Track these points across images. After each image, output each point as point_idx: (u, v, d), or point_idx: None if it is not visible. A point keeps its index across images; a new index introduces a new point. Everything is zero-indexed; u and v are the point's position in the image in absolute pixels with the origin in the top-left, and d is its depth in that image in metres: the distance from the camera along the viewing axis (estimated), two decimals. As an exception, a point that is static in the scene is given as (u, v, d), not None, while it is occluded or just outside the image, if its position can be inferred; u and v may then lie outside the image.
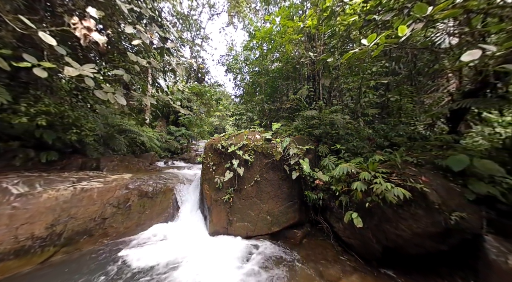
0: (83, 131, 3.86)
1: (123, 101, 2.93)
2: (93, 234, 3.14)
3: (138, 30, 2.99)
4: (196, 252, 3.06)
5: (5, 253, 2.40)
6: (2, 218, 2.42)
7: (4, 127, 3.05)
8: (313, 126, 4.46)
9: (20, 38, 2.51)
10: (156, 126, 9.94)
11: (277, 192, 3.68)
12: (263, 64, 6.20)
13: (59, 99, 3.59)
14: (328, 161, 3.55)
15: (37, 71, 1.94)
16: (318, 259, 2.91)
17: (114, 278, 2.43)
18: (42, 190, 2.77)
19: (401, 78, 4.98)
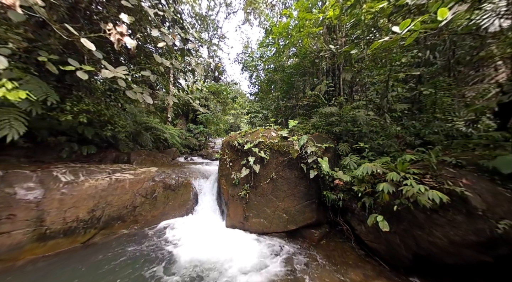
0: (116, 128, 4.33)
1: (150, 100, 3.15)
2: (126, 220, 3.50)
3: (162, 33, 3.16)
4: (214, 243, 3.20)
5: (56, 231, 2.82)
6: (53, 202, 2.83)
7: (53, 124, 3.57)
8: (332, 124, 4.25)
9: (65, 44, 2.87)
10: (177, 124, 10.53)
11: (294, 190, 3.61)
12: (279, 61, 6.07)
13: (96, 99, 4.05)
14: (349, 160, 3.35)
15: (79, 73, 2.19)
16: (338, 261, 2.79)
17: (145, 260, 2.69)
18: (84, 179, 3.18)
19: (436, 68, 4.44)
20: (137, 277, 2.39)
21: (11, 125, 2.58)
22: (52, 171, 2.98)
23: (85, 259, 2.65)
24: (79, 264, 2.54)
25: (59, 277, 2.31)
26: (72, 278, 2.32)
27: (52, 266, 2.50)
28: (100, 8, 3.25)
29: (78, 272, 2.41)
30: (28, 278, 2.29)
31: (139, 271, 2.48)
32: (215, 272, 2.52)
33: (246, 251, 2.99)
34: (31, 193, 2.68)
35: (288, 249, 3.10)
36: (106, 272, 2.44)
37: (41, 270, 2.42)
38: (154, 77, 3.34)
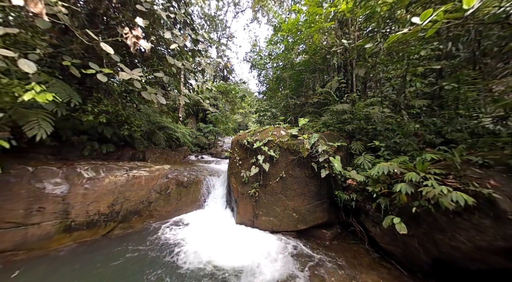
0: (133, 127, 4.57)
1: (163, 101, 3.25)
2: (142, 215, 3.68)
3: (174, 35, 3.25)
4: (225, 239, 3.27)
5: (80, 224, 3.04)
6: (77, 196, 3.05)
7: (76, 124, 3.84)
8: (344, 121, 4.11)
9: (86, 49, 3.05)
10: (187, 123, 10.81)
11: (304, 189, 3.56)
12: (288, 58, 5.97)
13: (114, 100, 4.29)
14: (363, 160, 3.24)
15: (99, 76, 2.32)
16: (351, 263, 2.72)
17: (160, 252, 2.83)
18: (104, 175, 3.39)
19: (459, 61, 4.11)
20: (153, 266, 2.52)
21: (39, 125, 2.81)
22: (76, 167, 3.21)
23: (106, 250, 2.84)
24: (101, 254, 2.73)
25: (84, 266, 2.49)
26: (95, 265, 2.49)
27: (77, 255, 2.71)
28: (116, 14, 3.41)
29: (99, 261, 2.59)
30: (56, 265, 2.50)
31: (155, 262, 2.61)
32: (226, 267, 2.57)
33: (256, 248, 3.01)
34: (58, 188, 2.90)
35: (299, 248, 3.07)
36: (126, 261, 2.60)
37: (68, 259, 2.63)
38: (167, 78, 3.45)
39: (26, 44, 2.92)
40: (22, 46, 2.87)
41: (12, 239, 2.55)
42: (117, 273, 2.41)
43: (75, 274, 2.35)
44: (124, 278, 2.33)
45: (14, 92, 2.44)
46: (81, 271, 2.40)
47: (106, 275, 2.37)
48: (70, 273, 2.36)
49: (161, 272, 2.45)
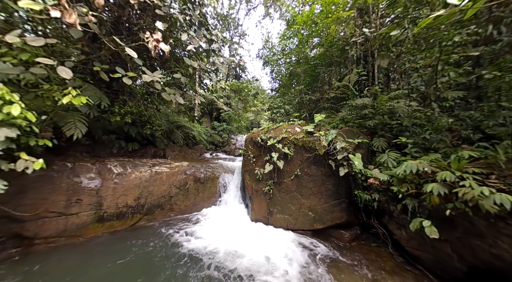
0: (154, 126, 4.89)
1: (181, 101, 3.39)
2: (164, 208, 3.92)
3: (191, 36, 3.34)
4: (241, 235, 3.33)
5: (111, 214, 3.35)
6: (108, 190, 3.36)
7: (105, 125, 4.22)
8: (365, 117, 3.86)
9: (112, 54, 3.31)
10: (202, 122, 11.17)
11: (320, 188, 3.46)
12: (302, 52, 5.76)
13: (137, 102, 4.61)
14: (387, 158, 3.01)
15: (125, 79, 2.50)
16: (372, 266, 2.59)
17: (180, 242, 3.05)
18: (131, 171, 3.67)
19: (501, 47, 3.56)
20: (173, 255, 2.72)
21: (76, 126, 3.13)
22: (106, 164, 3.54)
23: (134, 239, 3.10)
24: (129, 242, 3.00)
25: (116, 252, 2.76)
26: (125, 252, 2.75)
27: (109, 243, 3.00)
28: (138, 20, 3.62)
29: (128, 248, 2.85)
30: (92, 251, 2.80)
31: (175, 251, 2.79)
32: (242, 263, 2.62)
33: (272, 246, 3.01)
34: (92, 182, 3.23)
35: (316, 248, 3.01)
36: (150, 250, 2.82)
37: (101, 245, 2.93)
38: (185, 79, 3.58)
39: (62, 53, 3.25)
40: (58, 54, 3.20)
41: (56, 227, 2.92)
42: (143, 259, 2.63)
43: (108, 259, 2.61)
44: (149, 263, 2.54)
45: (54, 96, 2.74)
46: (113, 256, 2.66)
47: (134, 260, 2.61)
48: (104, 258, 2.63)
49: (181, 261, 2.61)
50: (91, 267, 2.46)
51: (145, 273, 2.38)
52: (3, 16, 4.10)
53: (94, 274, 2.35)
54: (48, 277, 2.21)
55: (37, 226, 2.80)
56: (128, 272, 2.40)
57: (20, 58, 2.54)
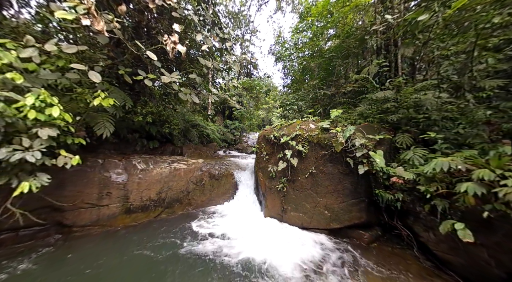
0: (172, 125, 5.18)
1: (196, 100, 3.51)
2: (182, 202, 4.15)
3: (205, 36, 3.42)
4: (255, 231, 3.38)
5: (136, 207, 3.63)
6: (134, 184, 3.65)
7: (129, 124, 4.57)
8: (387, 111, 3.60)
9: (134, 58, 3.54)
10: (215, 120, 11.45)
11: (337, 187, 3.33)
12: (316, 45, 5.52)
13: (156, 102, 4.90)
14: (412, 155, 2.79)
15: (146, 81, 2.66)
16: (395, 270, 2.44)
17: (197, 233, 3.24)
18: (153, 167, 3.94)
19: None
20: (189, 244, 2.91)
21: (105, 125, 3.43)
22: (131, 160, 3.84)
23: (157, 229, 3.35)
24: (153, 232, 3.25)
25: (141, 240, 3.01)
26: (149, 240, 3.00)
27: (136, 232, 3.27)
28: (156, 24, 3.80)
29: (152, 237, 3.10)
30: (121, 238, 3.09)
31: (191, 242, 2.96)
32: (256, 258, 2.65)
33: (286, 243, 3.00)
34: (120, 177, 3.53)
35: (332, 248, 2.92)
36: (171, 239, 3.04)
37: (129, 234, 3.21)
38: (199, 79, 3.68)
39: (91, 58, 3.55)
40: (88, 60, 3.50)
41: (90, 217, 3.25)
42: (165, 246, 2.85)
43: (134, 245, 2.87)
44: (170, 250, 2.76)
45: (86, 99, 3.02)
46: (139, 244, 2.90)
47: (158, 247, 2.85)
48: (131, 245, 2.89)
49: (199, 251, 2.74)
50: (120, 253, 2.70)
51: (168, 260, 2.56)
52: (40, 27, 4.60)
53: (124, 259, 2.58)
54: (83, 266, 2.47)
55: (75, 215, 3.15)
56: (153, 258, 2.60)
57: (57, 65, 2.84)
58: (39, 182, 2.34)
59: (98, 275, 2.28)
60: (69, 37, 4.23)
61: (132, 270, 2.38)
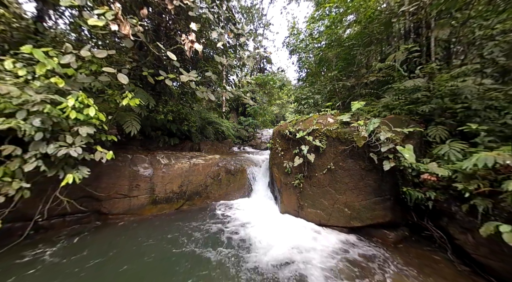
0: (190, 123, 5.47)
1: (212, 97, 3.60)
2: (201, 195, 4.38)
3: (220, 33, 3.45)
4: (272, 226, 3.42)
5: (161, 198, 3.93)
6: (158, 178, 3.95)
7: (153, 122, 4.92)
8: (417, 101, 3.27)
9: (155, 59, 3.75)
10: (229, 117, 11.66)
11: (359, 184, 3.17)
12: (335, 33, 5.18)
13: (175, 101, 5.17)
14: (448, 149, 2.51)
15: (167, 81, 2.80)
16: (425, 273, 2.27)
17: (215, 224, 3.42)
18: (174, 162, 4.21)
19: None
20: (211, 233, 3.12)
21: (132, 124, 3.74)
22: (156, 156, 4.15)
23: (180, 219, 3.62)
24: (176, 221, 3.52)
25: (170, 227, 3.29)
26: (174, 227, 3.28)
27: (162, 220, 3.57)
28: (174, 24, 3.94)
29: (176, 225, 3.36)
30: (150, 225, 3.39)
31: (210, 231, 3.16)
32: (272, 254, 2.67)
33: (303, 240, 2.98)
34: (146, 171, 3.84)
35: (353, 246, 2.82)
36: (192, 228, 3.28)
37: (156, 222, 3.51)
38: (215, 77, 3.76)
39: (118, 62, 3.84)
40: (115, 64, 3.80)
41: (122, 206, 3.60)
42: (188, 234, 3.09)
43: (161, 231, 3.17)
44: (193, 236, 3.00)
45: (116, 99, 3.29)
46: (166, 230, 3.20)
47: (182, 233, 3.11)
48: (159, 230, 3.19)
49: (217, 240, 2.91)
50: (148, 237, 2.99)
51: (188, 245, 2.78)
52: (74, 36, 5.09)
53: (151, 242, 2.87)
54: (118, 246, 2.79)
55: (110, 204, 3.52)
56: (176, 243, 2.84)
57: (90, 69, 3.13)
58: (81, 174, 2.65)
59: (132, 254, 2.58)
60: (98, 43, 4.62)
61: (159, 250, 2.67)
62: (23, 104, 2.27)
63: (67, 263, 2.37)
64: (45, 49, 2.49)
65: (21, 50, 2.29)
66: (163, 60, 3.36)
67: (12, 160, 2.25)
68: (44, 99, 2.33)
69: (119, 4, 2.35)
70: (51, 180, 2.64)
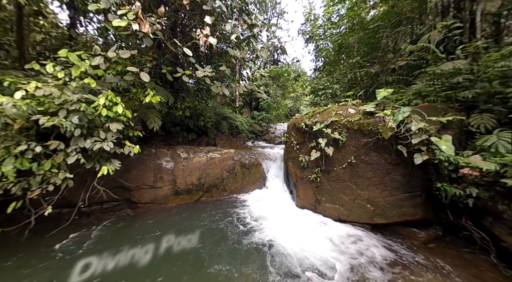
0: (206, 119, 5.64)
1: (227, 92, 3.62)
2: (218, 188, 4.55)
3: (234, 25, 3.41)
4: (288, 219, 3.42)
5: (182, 190, 4.18)
6: (179, 171, 4.19)
7: (172, 118, 5.19)
8: (457, 86, 2.86)
9: (173, 57, 3.89)
10: (243, 112, 11.72)
11: (383, 179, 2.96)
12: (357, 15, 4.73)
13: (192, 97, 5.36)
14: (496, 139, 2.17)
15: (184, 77, 2.89)
16: (464, 276, 2.05)
17: (231, 214, 3.56)
18: (193, 156, 4.42)
19: None
20: (228, 223, 3.25)
21: (154, 120, 3.98)
22: (176, 150, 4.40)
23: (200, 209, 3.83)
24: (196, 211, 3.74)
25: (190, 215, 3.53)
26: (195, 216, 3.49)
27: (183, 210, 3.81)
28: (189, 21, 4.00)
29: (197, 214, 3.58)
30: (173, 214, 3.64)
31: (229, 221, 3.29)
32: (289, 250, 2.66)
33: (322, 235, 2.91)
34: (168, 164, 4.10)
35: (378, 244, 2.67)
36: (214, 215, 3.47)
37: (179, 211, 3.76)
38: (229, 71, 3.76)
39: (140, 62, 4.06)
40: (138, 64, 4.02)
41: (149, 196, 3.92)
42: (207, 222, 3.28)
43: (182, 219, 3.43)
44: (213, 224, 3.16)
45: (139, 97, 3.51)
46: (187, 218, 3.44)
47: (202, 222, 3.31)
48: (180, 218, 3.45)
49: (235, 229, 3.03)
50: (173, 223, 3.25)
51: (209, 233, 2.95)
52: (101, 40, 5.51)
53: (176, 227, 3.11)
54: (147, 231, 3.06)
55: (139, 194, 3.86)
56: (198, 230, 3.03)
57: (116, 70, 3.37)
58: (113, 166, 2.93)
59: (159, 237, 2.85)
60: (122, 45, 4.94)
61: (181, 233, 2.93)
62: (63, 104, 2.55)
63: (111, 239, 2.77)
64: (78, 52, 2.73)
65: (58, 54, 2.54)
66: (179, 57, 3.45)
67: (57, 154, 2.58)
68: (80, 98, 2.59)
69: (139, 3, 2.44)
70: (90, 172, 2.97)
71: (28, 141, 2.36)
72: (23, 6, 4.22)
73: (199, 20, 3.62)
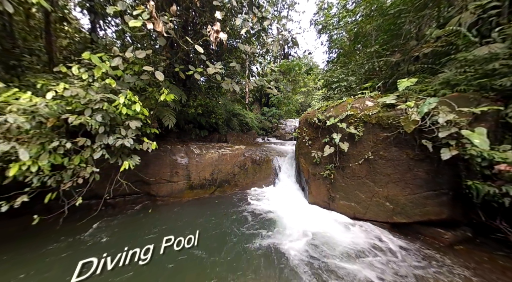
0: (217, 116, 5.74)
1: (237, 88, 3.63)
2: (230, 183, 4.67)
3: (244, 19, 3.36)
4: (301, 215, 3.41)
5: (196, 185, 4.35)
6: (193, 166, 4.36)
7: (185, 116, 5.39)
8: (493, 74, 2.55)
9: (185, 55, 3.97)
10: (253, 109, 11.69)
11: (405, 175, 2.79)
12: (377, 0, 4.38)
13: (203, 95, 5.48)
14: (542, 132, 1.91)
15: (196, 75, 2.94)
16: (495, 280, 1.89)
17: (245, 208, 3.65)
18: (205, 152, 4.56)
19: None
20: (240, 216, 3.35)
21: (169, 118, 4.13)
22: (190, 146, 4.56)
23: (214, 203, 3.99)
24: (210, 204, 3.90)
25: (203, 208, 3.70)
26: (209, 209, 3.66)
27: (198, 203, 3.98)
28: (199, 18, 4.03)
29: (211, 207, 3.74)
30: (189, 207, 3.83)
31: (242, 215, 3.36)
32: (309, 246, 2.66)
33: (336, 232, 2.85)
34: (183, 160, 4.27)
35: (398, 243, 2.55)
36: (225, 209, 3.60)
37: (194, 204, 3.94)
38: (239, 67, 3.74)
39: (154, 62, 4.20)
40: (152, 63, 4.17)
41: (166, 190, 4.13)
42: (221, 214, 3.41)
43: (197, 212, 3.58)
44: (226, 217, 3.29)
45: (155, 96, 3.65)
46: (201, 211, 3.59)
47: (215, 214, 3.45)
48: (195, 211, 3.60)
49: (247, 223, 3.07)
50: (189, 214, 3.43)
51: (221, 225, 3.05)
52: (119, 42, 5.79)
53: (192, 217, 3.30)
54: (166, 221, 3.27)
55: (157, 188, 4.07)
56: (211, 222, 3.17)
57: (133, 70, 3.52)
58: (133, 161, 3.11)
59: (176, 227, 3.05)
60: (138, 46, 5.14)
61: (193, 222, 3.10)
62: (88, 103, 2.74)
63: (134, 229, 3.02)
64: (99, 54, 2.89)
65: (82, 56, 2.72)
66: (191, 55, 3.51)
67: (84, 150, 2.80)
68: (102, 98, 2.76)
69: (152, 2, 2.50)
70: (113, 166, 3.18)
71: (59, 138, 2.58)
72: (49, 13, 4.55)
73: (209, 17, 3.63)
